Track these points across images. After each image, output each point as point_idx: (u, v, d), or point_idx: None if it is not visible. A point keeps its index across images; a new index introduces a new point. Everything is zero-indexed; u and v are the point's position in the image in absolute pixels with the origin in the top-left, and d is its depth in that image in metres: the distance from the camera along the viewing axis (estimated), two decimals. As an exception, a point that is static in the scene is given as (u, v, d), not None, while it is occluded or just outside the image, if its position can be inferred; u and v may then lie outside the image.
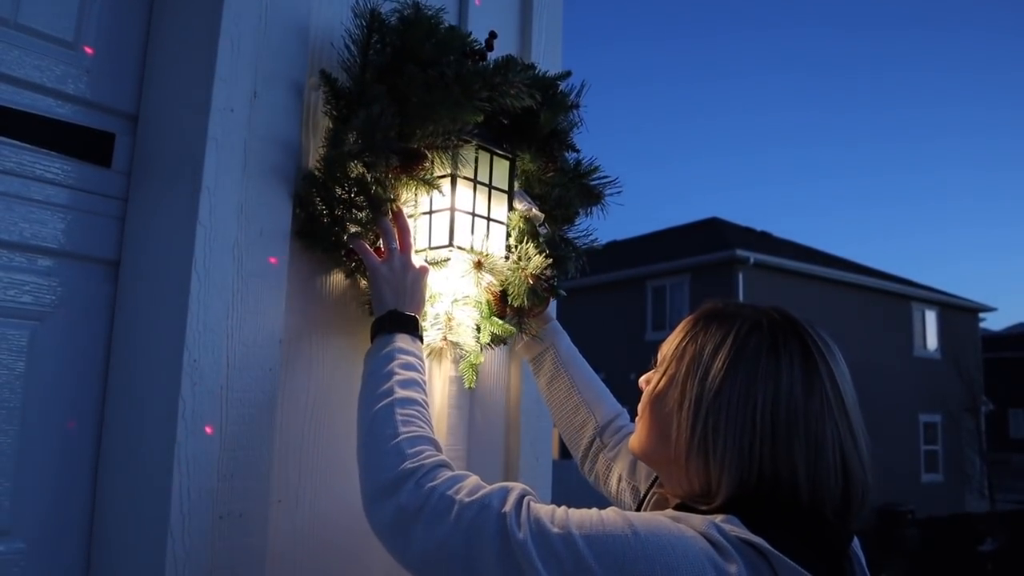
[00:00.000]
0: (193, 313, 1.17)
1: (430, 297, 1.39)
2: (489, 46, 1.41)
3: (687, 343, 1.02)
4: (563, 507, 0.90)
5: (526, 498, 0.92)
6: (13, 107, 1.22)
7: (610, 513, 0.88)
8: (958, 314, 22.45)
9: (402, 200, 1.35)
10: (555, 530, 0.86)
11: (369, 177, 1.29)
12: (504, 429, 1.69)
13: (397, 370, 1.16)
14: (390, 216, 1.32)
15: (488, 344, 1.46)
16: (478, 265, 1.37)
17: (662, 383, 1.04)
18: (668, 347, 1.06)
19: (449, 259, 1.39)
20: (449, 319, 1.39)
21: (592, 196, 1.57)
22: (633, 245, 23.28)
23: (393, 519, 0.96)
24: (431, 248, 1.37)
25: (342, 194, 1.30)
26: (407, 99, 1.27)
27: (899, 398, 18.38)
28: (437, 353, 1.46)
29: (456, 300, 1.41)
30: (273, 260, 1.28)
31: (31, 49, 1.24)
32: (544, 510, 0.90)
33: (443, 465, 1.01)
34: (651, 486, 1.16)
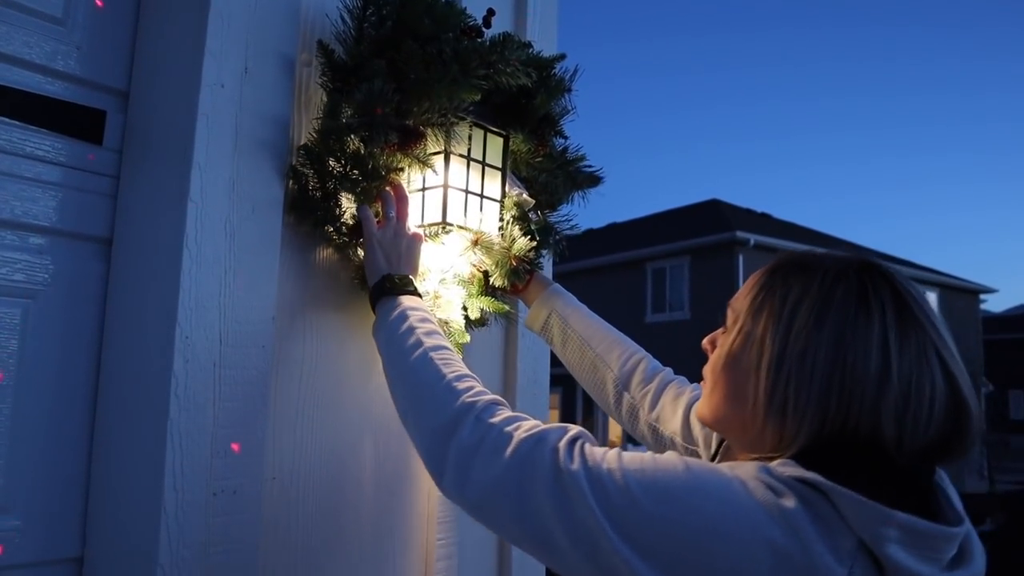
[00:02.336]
0: (185, 290, 1.16)
1: (419, 274, 1.39)
2: (487, 23, 1.40)
3: (764, 296, 0.94)
4: (617, 448, 0.89)
5: (581, 439, 0.91)
6: (2, 84, 1.21)
7: (668, 455, 0.86)
8: (959, 295, 22.46)
9: (395, 175, 1.34)
10: (606, 464, 0.85)
11: (365, 152, 1.29)
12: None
13: (416, 324, 1.16)
14: (389, 186, 1.32)
15: (477, 322, 1.46)
16: (475, 243, 1.37)
17: (736, 341, 0.96)
18: (742, 302, 0.97)
19: (450, 231, 1.39)
20: (436, 297, 1.39)
21: (577, 184, 1.57)
22: (633, 227, 23.25)
23: (455, 458, 0.95)
24: (424, 225, 1.36)
25: (336, 168, 1.30)
26: (405, 75, 1.26)
27: (899, 379, 18.32)
28: None
29: (443, 279, 1.40)
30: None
31: (19, 25, 1.23)
32: (598, 450, 0.88)
33: (499, 403, 1.00)
34: (721, 443, 1.12)
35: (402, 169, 1.34)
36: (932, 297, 21.23)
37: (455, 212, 1.34)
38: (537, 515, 0.85)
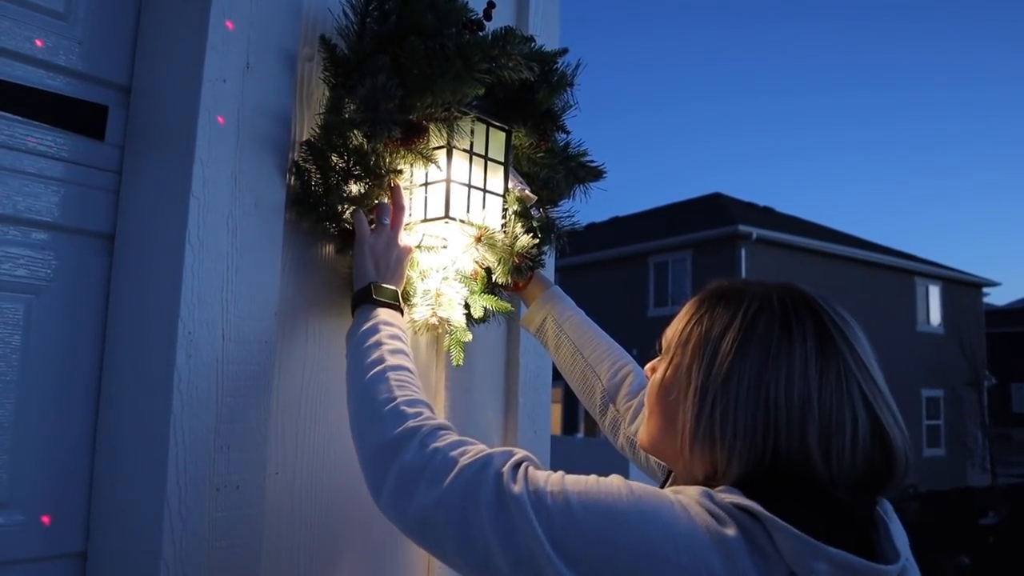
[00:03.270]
0: (187, 285, 1.16)
1: (420, 273, 1.39)
2: (487, 16, 1.39)
3: (692, 327, 0.96)
4: (560, 472, 0.89)
5: (526, 463, 0.91)
6: (4, 79, 1.21)
7: (611, 477, 0.87)
8: (961, 289, 22.43)
9: (398, 174, 1.34)
10: (550, 488, 0.85)
11: (368, 147, 1.29)
12: (503, 404, 1.69)
13: (385, 340, 1.16)
14: (388, 190, 1.32)
15: (479, 320, 1.46)
16: (478, 239, 1.37)
17: (668, 372, 0.99)
18: (672, 332, 1.00)
19: (446, 242, 1.39)
20: (438, 295, 1.38)
21: (578, 179, 1.56)
22: (635, 221, 23.23)
23: (396, 480, 0.95)
24: (426, 220, 1.36)
25: (338, 163, 1.29)
26: (408, 71, 1.25)
27: (902, 373, 18.40)
28: (430, 329, 1.45)
29: (446, 277, 1.40)
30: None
31: (21, 20, 1.22)
32: (542, 472, 0.89)
33: (445, 428, 1.00)
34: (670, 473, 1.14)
35: (401, 171, 1.34)
36: (935, 291, 21.22)
37: (458, 207, 1.34)
38: (479, 539, 0.85)
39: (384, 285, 1.26)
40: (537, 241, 1.43)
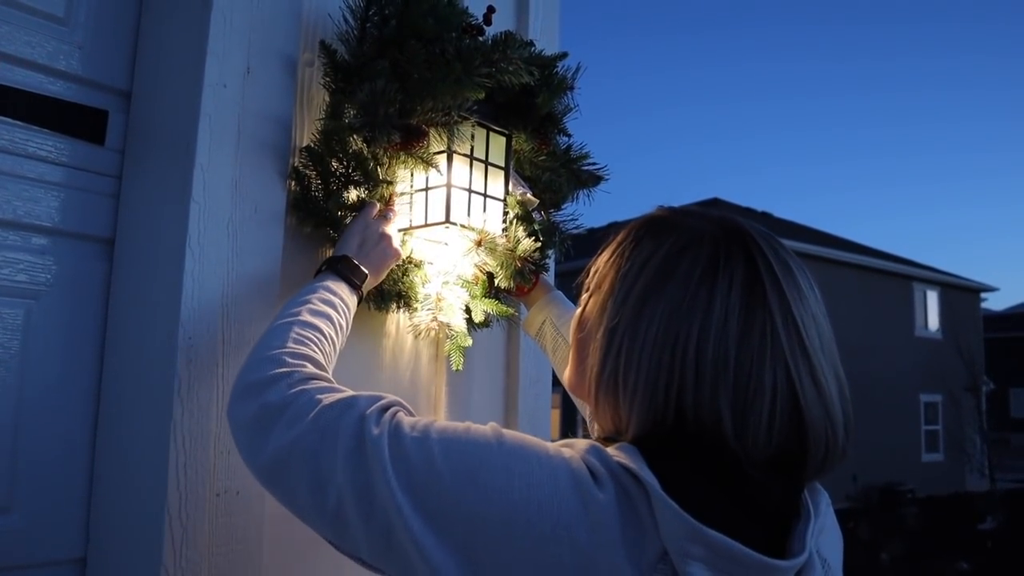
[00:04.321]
0: (188, 290, 1.16)
1: (422, 277, 1.38)
2: (487, 21, 1.39)
3: (614, 259, 0.86)
4: (431, 418, 0.83)
5: (394, 407, 0.84)
6: (4, 84, 1.21)
7: (482, 425, 0.80)
8: (960, 294, 22.45)
9: (398, 179, 1.34)
10: (413, 434, 0.78)
11: (367, 152, 1.29)
12: (503, 409, 1.69)
13: (314, 301, 1.10)
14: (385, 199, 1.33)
15: (480, 325, 1.45)
16: (479, 243, 1.37)
17: (588, 305, 0.88)
18: (599, 262, 0.89)
19: (446, 243, 1.39)
20: (439, 299, 1.38)
21: (581, 182, 1.56)
22: (634, 226, 23.22)
23: (254, 416, 0.89)
24: (428, 224, 1.36)
25: (338, 168, 1.29)
26: (408, 75, 1.25)
27: (900, 378, 18.41)
28: (429, 333, 1.44)
29: (447, 281, 1.40)
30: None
31: (21, 24, 1.22)
32: (409, 419, 0.81)
33: (322, 377, 0.94)
34: None
35: (402, 175, 1.34)
36: (933, 296, 21.24)
37: (459, 211, 1.34)
38: (332, 486, 0.79)
39: (357, 263, 1.21)
40: (539, 245, 1.42)
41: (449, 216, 1.32)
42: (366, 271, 1.23)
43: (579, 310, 0.91)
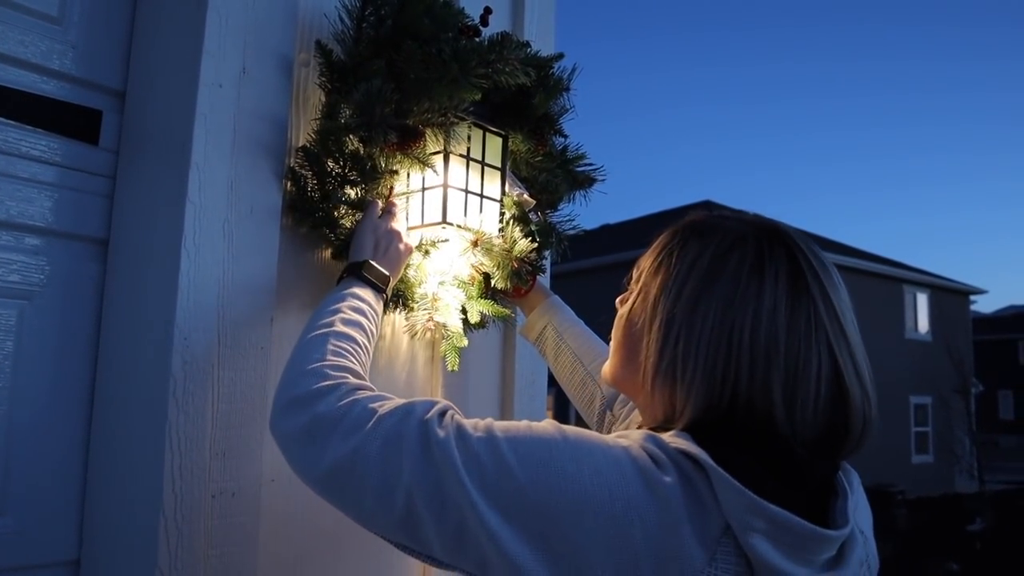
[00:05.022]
0: (183, 291, 1.15)
1: (418, 277, 1.38)
2: (484, 22, 1.39)
3: (663, 258, 0.92)
4: (489, 418, 0.86)
5: (451, 411, 0.87)
6: (-2, 83, 1.20)
7: (543, 422, 0.84)
8: (949, 296, 22.56)
9: (395, 179, 1.34)
10: (477, 434, 0.81)
11: (364, 152, 1.28)
12: (498, 410, 1.69)
13: (345, 311, 1.10)
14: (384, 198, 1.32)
15: (476, 325, 1.45)
16: (475, 244, 1.37)
17: (636, 303, 0.95)
18: (643, 263, 0.96)
19: (447, 240, 1.38)
20: (435, 300, 1.38)
21: (578, 183, 1.56)
22: (627, 228, 23.27)
23: (306, 429, 0.90)
24: (424, 225, 1.36)
25: (335, 168, 1.29)
26: (404, 75, 1.25)
27: (890, 380, 18.46)
28: (425, 333, 1.44)
29: (443, 281, 1.40)
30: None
31: (14, 23, 1.22)
32: (468, 420, 0.85)
33: (366, 387, 0.95)
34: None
35: (397, 173, 1.34)
36: (923, 298, 21.34)
37: (455, 212, 1.33)
38: (400, 490, 0.80)
39: (377, 265, 1.21)
40: (536, 245, 1.42)
41: (445, 216, 1.32)
42: (387, 273, 1.23)
43: (625, 309, 0.98)
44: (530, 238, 1.41)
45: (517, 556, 0.74)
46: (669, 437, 0.81)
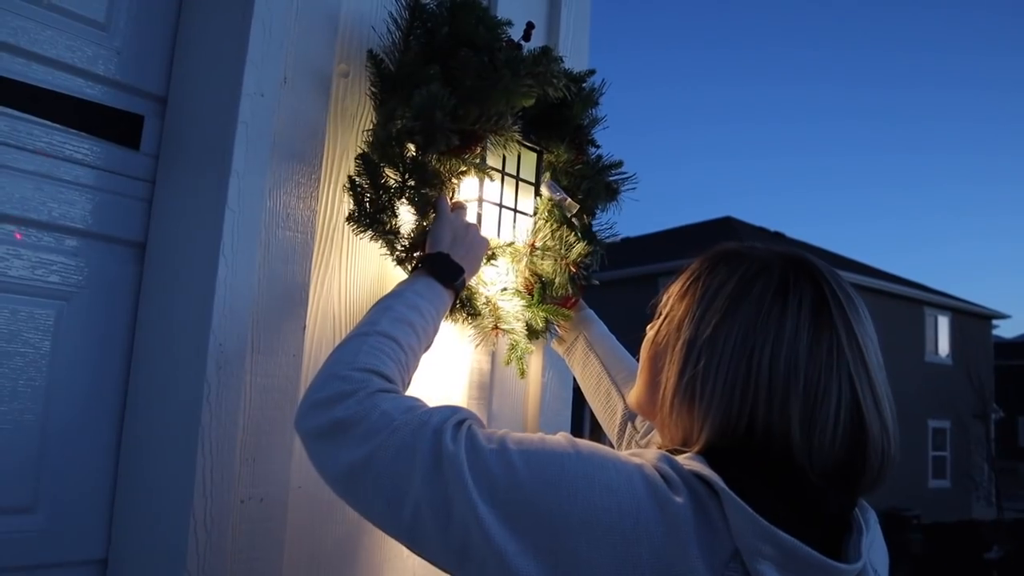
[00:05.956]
0: (220, 297, 1.17)
1: (477, 283, 1.38)
2: (527, 36, 1.40)
3: (689, 283, 0.95)
4: (505, 430, 0.86)
5: (468, 420, 0.87)
6: (45, 87, 1.22)
7: (556, 436, 0.84)
8: (971, 320, 22.34)
9: (456, 185, 1.34)
10: (490, 446, 0.81)
11: (422, 158, 1.28)
12: (523, 421, 1.69)
13: (398, 307, 1.08)
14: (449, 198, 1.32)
15: (540, 331, 1.47)
16: (532, 247, 1.38)
17: (661, 326, 0.97)
18: (672, 288, 0.99)
19: (513, 243, 1.40)
20: (496, 308, 1.38)
21: (612, 191, 1.57)
22: (646, 242, 23.24)
23: (325, 429, 0.90)
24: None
25: (393, 176, 1.28)
26: (459, 82, 1.26)
27: (909, 403, 18.29)
28: (491, 340, 1.44)
29: (505, 288, 1.41)
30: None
31: (63, 29, 1.24)
32: (484, 431, 0.85)
33: (388, 390, 0.94)
34: None
35: (457, 178, 1.33)
36: (944, 321, 21.13)
37: (489, 227, 1.34)
38: (408, 501, 0.81)
39: (453, 259, 1.19)
40: (591, 249, 1.43)
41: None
42: (463, 267, 1.21)
43: (652, 332, 1.00)
44: (586, 241, 1.42)
45: (521, 570, 0.75)
46: (684, 459, 0.82)
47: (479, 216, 1.35)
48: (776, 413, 0.81)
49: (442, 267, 1.18)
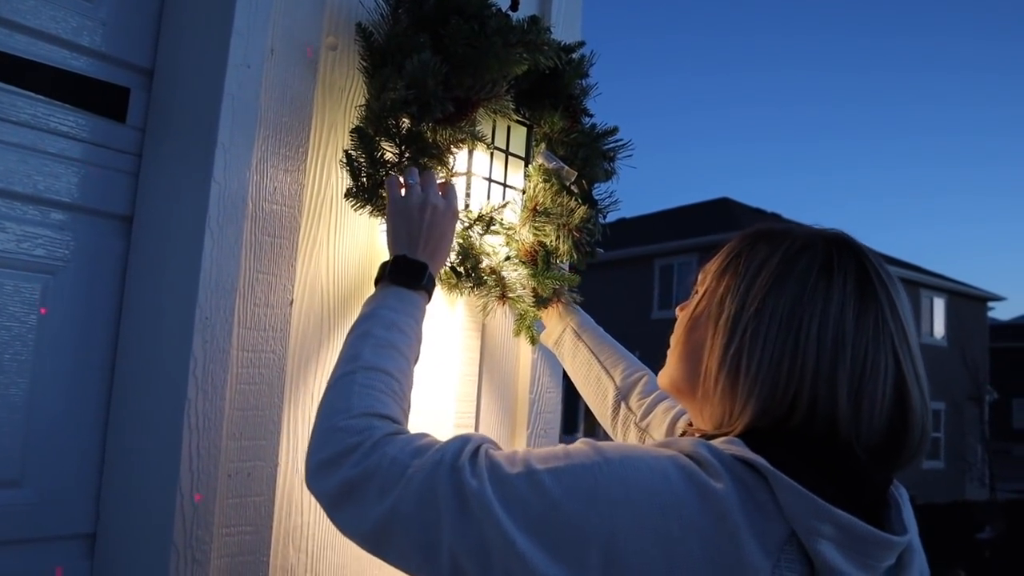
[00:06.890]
0: (206, 271, 1.16)
1: (480, 249, 1.37)
2: (514, 7, 1.39)
3: (731, 259, 0.94)
4: (525, 447, 0.85)
5: (483, 446, 0.83)
6: (29, 58, 1.21)
7: (577, 444, 0.82)
8: (966, 302, 22.39)
9: (452, 156, 1.32)
10: (515, 471, 0.78)
11: (416, 129, 1.26)
12: (513, 403, 1.68)
13: (375, 331, 1.04)
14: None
15: (548, 299, 1.47)
16: (534, 211, 1.38)
17: (700, 304, 0.96)
18: (711, 267, 0.97)
19: (508, 203, 1.39)
20: (501, 277, 1.38)
21: (608, 158, 1.56)
22: (642, 223, 23.22)
23: (339, 491, 0.86)
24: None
25: (391, 149, 1.26)
26: (451, 51, 1.24)
27: (904, 384, 18.30)
28: (496, 310, 1.44)
29: (509, 256, 1.40)
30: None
31: (47, -1, 1.22)
32: (503, 455, 0.82)
33: (392, 432, 0.90)
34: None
35: (454, 149, 1.31)
36: (939, 303, 21.17)
37: (479, 201, 1.33)
38: (443, 547, 0.78)
39: (413, 259, 1.14)
40: (594, 212, 1.43)
41: (468, 206, 1.32)
42: (426, 260, 1.15)
43: (688, 311, 0.99)
44: (588, 205, 1.42)
45: None
46: (721, 443, 0.81)
47: (467, 194, 1.33)
48: (823, 387, 0.81)
49: (405, 273, 1.13)
